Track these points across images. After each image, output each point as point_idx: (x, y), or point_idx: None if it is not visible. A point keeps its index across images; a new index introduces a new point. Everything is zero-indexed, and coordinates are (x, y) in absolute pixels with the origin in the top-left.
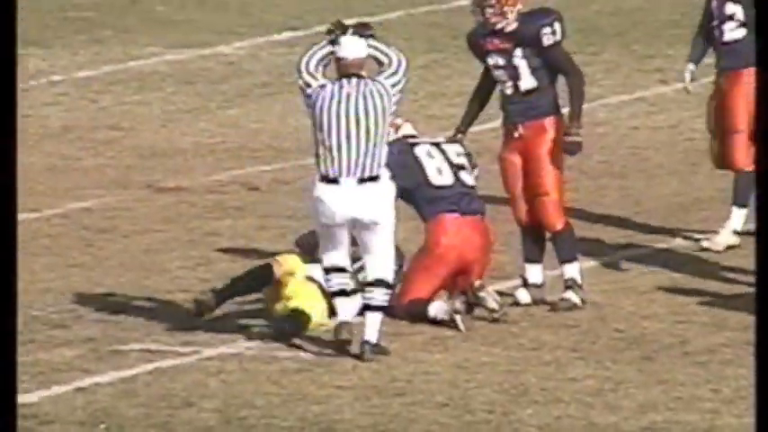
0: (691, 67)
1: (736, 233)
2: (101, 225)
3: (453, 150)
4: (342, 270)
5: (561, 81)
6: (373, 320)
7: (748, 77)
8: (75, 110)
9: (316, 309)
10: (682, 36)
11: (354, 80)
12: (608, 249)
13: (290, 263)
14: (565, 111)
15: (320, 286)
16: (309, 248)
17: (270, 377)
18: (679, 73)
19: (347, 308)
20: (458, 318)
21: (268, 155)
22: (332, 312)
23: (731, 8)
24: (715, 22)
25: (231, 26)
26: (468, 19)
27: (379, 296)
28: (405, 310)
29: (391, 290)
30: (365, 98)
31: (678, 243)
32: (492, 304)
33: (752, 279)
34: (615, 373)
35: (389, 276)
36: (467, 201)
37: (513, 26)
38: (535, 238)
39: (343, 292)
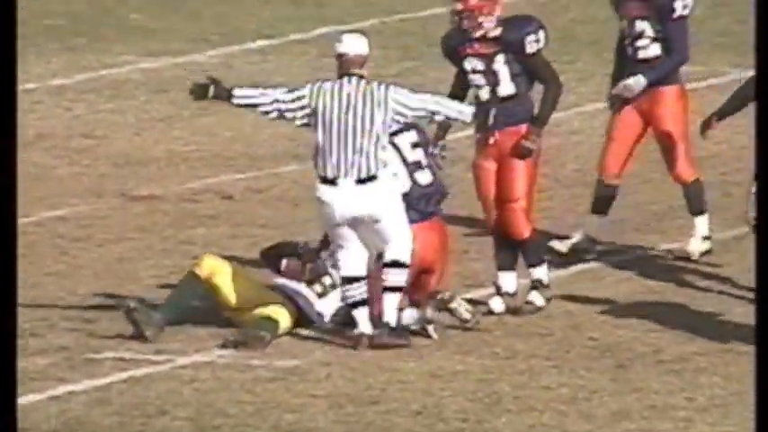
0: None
1: (707, 238)
2: (75, 234)
3: (407, 141)
4: (358, 279)
5: (537, 89)
6: (391, 301)
7: (671, 94)
8: (49, 118)
9: (282, 315)
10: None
11: (354, 80)
12: (582, 258)
13: (207, 264)
14: None
15: (281, 292)
16: (309, 256)
17: (243, 385)
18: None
19: (366, 318)
20: (430, 327)
21: (242, 163)
22: (297, 320)
23: (640, 25)
24: (627, 41)
25: (205, 34)
26: (442, 27)
27: (396, 277)
28: (376, 318)
29: (407, 269)
30: (365, 99)
31: (652, 252)
32: (464, 315)
33: (725, 287)
34: (589, 381)
35: (405, 257)
36: (423, 203)
37: (496, 32)
38: (509, 246)
39: (360, 303)
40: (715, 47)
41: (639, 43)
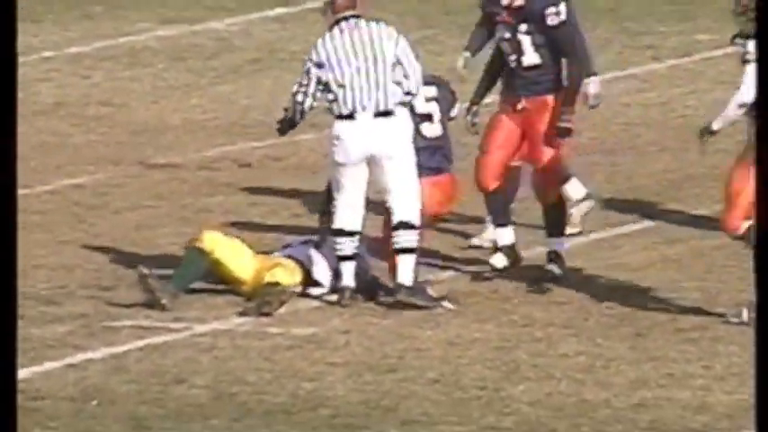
0: (466, 54)
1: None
2: (92, 201)
3: (423, 94)
4: (351, 234)
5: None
6: (405, 263)
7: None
8: (66, 86)
9: (286, 275)
10: (674, 13)
11: (353, 20)
12: (599, 226)
13: (207, 239)
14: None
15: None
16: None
17: (261, 353)
18: (671, 50)
19: (352, 272)
20: (444, 302)
21: (259, 131)
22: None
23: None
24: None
25: (223, 2)
26: None
27: (407, 238)
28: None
29: (417, 230)
30: (370, 31)
31: (669, 220)
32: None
33: (744, 256)
34: (607, 349)
35: (414, 218)
36: (426, 156)
37: (520, 1)
38: (502, 202)
39: (349, 257)
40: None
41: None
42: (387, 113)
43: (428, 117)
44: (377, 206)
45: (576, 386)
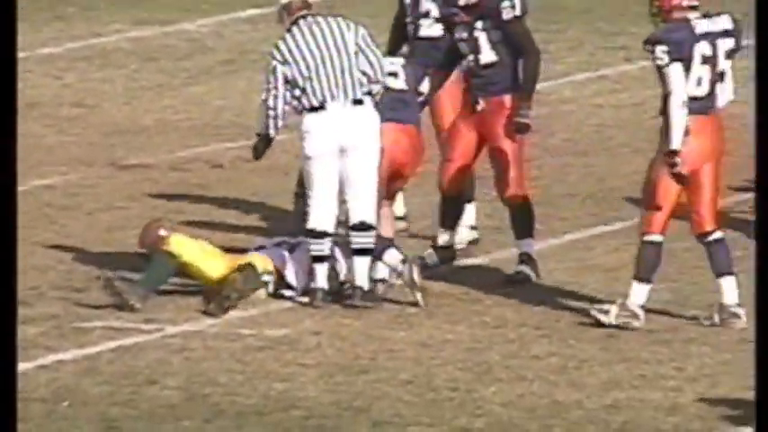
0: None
1: (474, 228)
2: (64, 202)
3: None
4: (324, 235)
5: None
6: (361, 265)
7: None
8: (39, 87)
9: (258, 260)
10: (646, 14)
11: (310, 18)
12: (572, 227)
13: (174, 242)
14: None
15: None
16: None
17: (233, 355)
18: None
19: (325, 274)
20: (418, 295)
21: (232, 132)
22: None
23: (426, 5)
24: (409, 18)
25: (195, 3)
26: None
27: (364, 240)
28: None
29: (374, 231)
30: (329, 24)
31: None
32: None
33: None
34: (579, 350)
35: (372, 218)
36: (391, 106)
37: None
38: (455, 206)
39: (321, 258)
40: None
41: (424, 22)
42: (356, 102)
43: (393, 74)
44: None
45: (548, 387)
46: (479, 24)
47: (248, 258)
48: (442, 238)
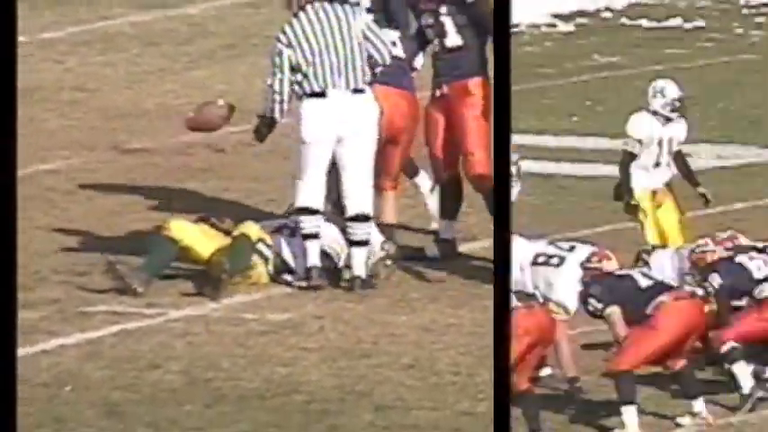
0: None
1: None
2: (66, 187)
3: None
4: (314, 212)
5: None
6: (359, 255)
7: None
8: (40, 71)
9: (253, 230)
10: None
11: (317, 3)
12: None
13: (174, 227)
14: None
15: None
16: None
17: (236, 339)
18: None
19: (317, 251)
20: (382, 271)
21: (234, 116)
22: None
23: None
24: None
25: None
26: None
27: (361, 230)
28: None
29: (371, 221)
30: (335, 10)
31: None
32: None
33: None
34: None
35: (368, 209)
36: (391, 71)
37: None
38: (451, 195)
39: (314, 236)
40: None
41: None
42: (357, 91)
43: (392, 43)
44: None
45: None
46: (443, 9)
47: (242, 228)
48: (442, 229)
